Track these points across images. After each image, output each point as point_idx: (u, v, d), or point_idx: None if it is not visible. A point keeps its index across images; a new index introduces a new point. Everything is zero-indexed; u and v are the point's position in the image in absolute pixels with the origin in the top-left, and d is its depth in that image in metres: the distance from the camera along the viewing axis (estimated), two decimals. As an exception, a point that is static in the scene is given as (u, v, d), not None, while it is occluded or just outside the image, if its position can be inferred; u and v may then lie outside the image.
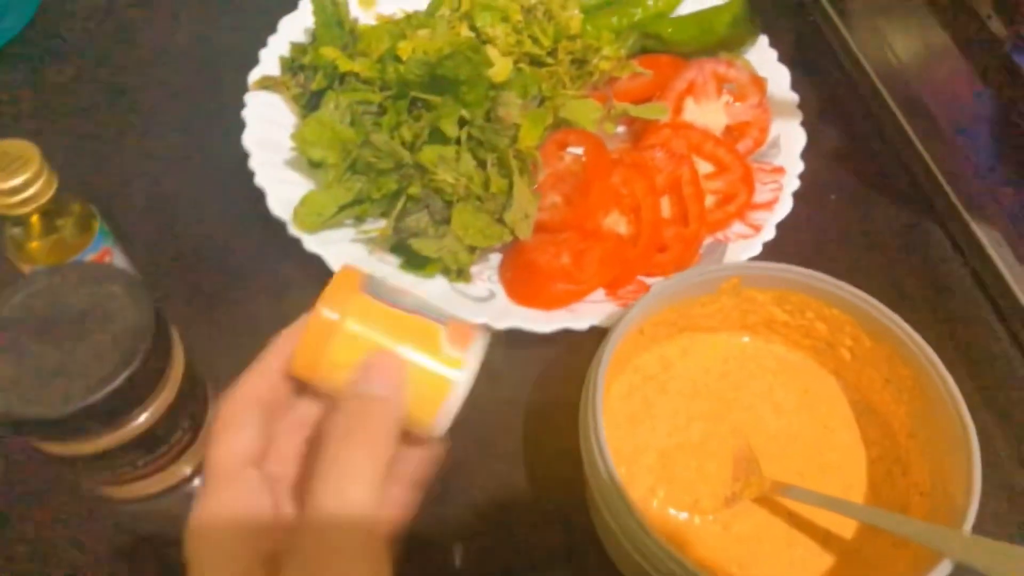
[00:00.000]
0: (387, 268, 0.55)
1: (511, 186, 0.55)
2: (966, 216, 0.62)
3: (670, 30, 0.68)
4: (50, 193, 0.45)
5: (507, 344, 0.55)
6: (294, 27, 0.67)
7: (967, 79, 0.69)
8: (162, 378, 0.40)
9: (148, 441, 0.41)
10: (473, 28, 0.64)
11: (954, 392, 0.43)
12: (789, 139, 0.63)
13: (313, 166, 0.58)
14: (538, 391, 0.54)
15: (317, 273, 0.56)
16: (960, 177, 0.63)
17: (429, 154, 0.54)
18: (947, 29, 0.73)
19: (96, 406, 0.37)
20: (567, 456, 0.51)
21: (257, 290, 0.59)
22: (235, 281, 0.59)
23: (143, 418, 0.40)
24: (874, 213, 0.65)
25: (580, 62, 0.66)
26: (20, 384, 0.36)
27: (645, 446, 0.49)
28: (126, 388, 0.37)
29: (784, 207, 0.58)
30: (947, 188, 0.64)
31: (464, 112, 0.56)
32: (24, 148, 0.44)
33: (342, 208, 0.55)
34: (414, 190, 0.54)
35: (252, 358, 0.33)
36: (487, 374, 0.44)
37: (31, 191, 0.44)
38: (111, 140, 0.67)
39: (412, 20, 0.65)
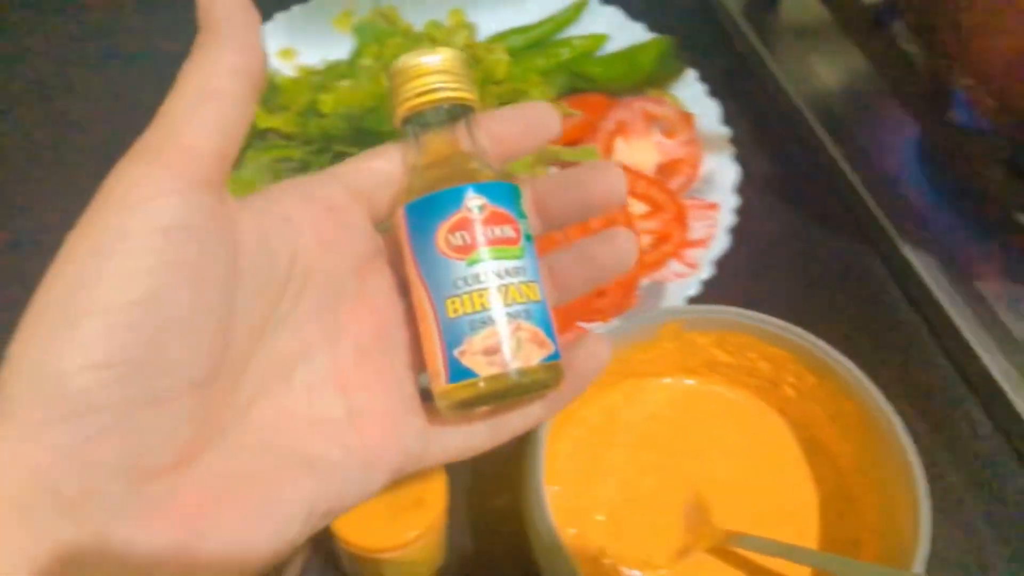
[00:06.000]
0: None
1: (442, 238, 0.53)
2: (900, 243, 0.62)
3: (598, 69, 0.68)
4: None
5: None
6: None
7: (893, 108, 0.71)
8: None
9: None
10: (397, 76, 0.62)
11: (895, 423, 0.43)
12: (722, 174, 0.62)
13: (235, 227, 0.55)
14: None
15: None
16: (893, 205, 0.64)
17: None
18: (868, 57, 0.74)
19: None
20: (515, 517, 0.49)
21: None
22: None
23: None
24: (812, 245, 0.65)
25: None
26: None
27: (595, 504, 0.47)
28: None
29: (720, 244, 0.58)
30: (880, 216, 0.64)
31: (390, 164, 0.55)
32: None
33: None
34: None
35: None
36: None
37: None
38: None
39: (334, 70, 0.63)
